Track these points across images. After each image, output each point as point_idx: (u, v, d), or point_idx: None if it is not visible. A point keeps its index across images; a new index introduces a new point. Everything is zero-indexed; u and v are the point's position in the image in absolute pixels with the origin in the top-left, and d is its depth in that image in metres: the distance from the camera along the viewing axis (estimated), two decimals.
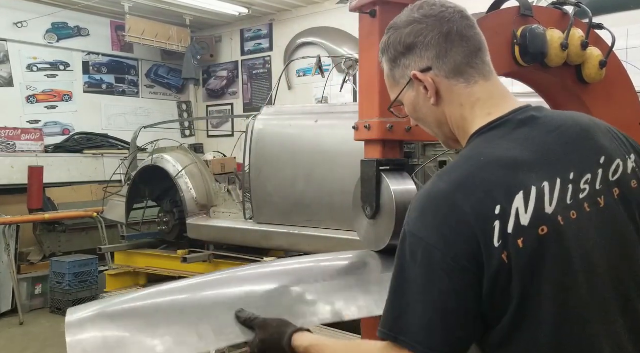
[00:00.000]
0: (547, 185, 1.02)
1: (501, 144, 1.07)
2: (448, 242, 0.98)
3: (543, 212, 1.00)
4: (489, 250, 0.98)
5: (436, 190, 1.04)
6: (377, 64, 1.77)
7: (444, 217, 1.00)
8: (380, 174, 1.77)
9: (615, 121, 1.96)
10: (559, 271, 1.00)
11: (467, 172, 1.04)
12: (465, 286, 0.98)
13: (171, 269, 5.20)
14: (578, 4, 1.96)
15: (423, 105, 1.19)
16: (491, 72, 1.17)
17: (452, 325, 0.99)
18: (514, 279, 0.98)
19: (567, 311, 1.00)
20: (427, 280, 0.99)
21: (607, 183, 1.07)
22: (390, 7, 1.78)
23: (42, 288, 6.26)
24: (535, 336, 1.00)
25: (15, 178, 6.67)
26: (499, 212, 0.99)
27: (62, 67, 7.95)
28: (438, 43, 1.13)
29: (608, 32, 1.96)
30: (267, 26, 8.55)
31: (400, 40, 1.17)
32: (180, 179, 4.98)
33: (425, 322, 0.99)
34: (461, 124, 1.16)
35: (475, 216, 0.98)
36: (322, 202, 3.96)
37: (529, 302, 0.99)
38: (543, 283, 0.99)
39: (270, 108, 4.66)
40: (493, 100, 1.14)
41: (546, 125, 1.10)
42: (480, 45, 1.16)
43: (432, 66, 1.14)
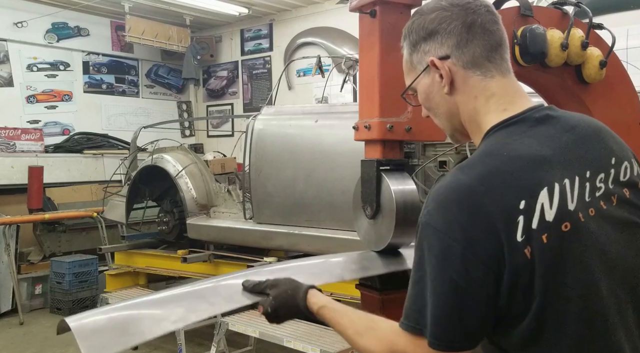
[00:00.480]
0: (567, 182, 1.03)
1: (522, 140, 1.07)
2: (469, 237, 0.98)
3: (566, 208, 1.01)
4: (511, 245, 0.97)
5: (458, 183, 1.03)
6: (377, 64, 1.78)
7: (466, 210, 0.99)
8: (380, 173, 1.77)
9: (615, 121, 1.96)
10: (581, 267, 1.00)
11: (490, 166, 1.03)
12: (483, 282, 0.98)
13: (171, 269, 5.21)
14: (578, 4, 1.97)
15: (436, 94, 1.18)
16: (509, 70, 1.17)
17: (467, 319, 0.99)
18: (536, 276, 0.98)
19: (589, 308, 1.00)
20: (445, 274, 0.99)
21: (619, 183, 1.09)
22: (390, 7, 1.78)
23: (42, 288, 6.26)
24: (560, 333, 1.00)
25: (15, 179, 6.66)
26: (524, 207, 0.98)
27: (62, 67, 7.95)
28: (460, 32, 1.13)
29: (608, 32, 1.96)
30: (267, 26, 8.55)
31: (423, 25, 1.16)
32: (180, 179, 4.98)
33: (442, 314, 0.99)
34: (473, 116, 1.15)
35: (498, 211, 0.98)
36: (322, 202, 3.96)
37: (552, 299, 0.99)
38: (567, 280, 0.99)
39: (270, 108, 4.66)
40: (508, 97, 1.14)
41: (562, 124, 1.11)
42: (501, 41, 1.16)
43: (450, 54, 1.14)
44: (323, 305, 1.26)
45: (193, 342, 4.58)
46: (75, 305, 5.86)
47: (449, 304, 0.99)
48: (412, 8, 1.82)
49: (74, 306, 5.84)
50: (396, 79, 1.77)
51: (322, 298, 1.28)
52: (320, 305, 1.26)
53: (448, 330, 0.99)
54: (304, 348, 3.37)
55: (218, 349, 3.90)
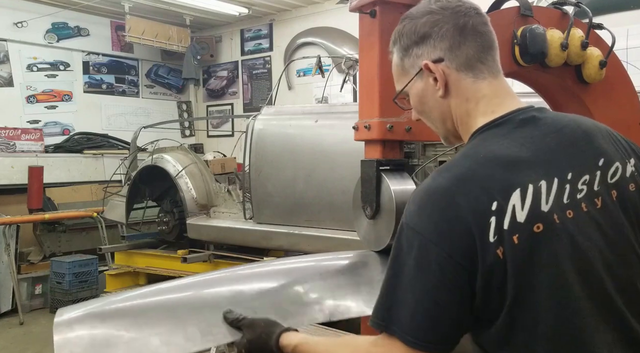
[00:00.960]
0: (544, 183, 1.04)
1: (501, 142, 1.08)
2: (444, 237, 1.00)
3: (539, 209, 1.02)
4: (484, 245, 0.99)
5: (435, 185, 1.05)
6: (377, 64, 1.78)
7: (441, 211, 1.02)
8: (380, 173, 1.77)
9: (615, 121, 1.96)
10: (553, 268, 1.01)
11: (465, 168, 1.05)
12: (457, 281, 1.00)
13: (171, 269, 5.20)
14: (578, 4, 1.97)
15: (430, 98, 1.19)
16: (499, 71, 1.18)
17: (442, 319, 1.00)
18: (509, 275, 0.99)
19: (562, 308, 1.01)
20: (421, 273, 1.01)
21: (606, 185, 1.09)
22: (390, 7, 1.78)
23: (42, 288, 6.26)
24: (533, 333, 1.01)
25: (15, 179, 6.66)
26: (496, 208, 1.00)
27: (62, 67, 7.95)
28: (452, 35, 1.14)
29: (608, 32, 1.96)
30: (267, 26, 8.55)
31: (415, 29, 1.17)
32: (180, 179, 4.98)
33: (417, 314, 1.00)
34: (465, 119, 1.16)
35: (472, 212, 1.00)
36: (322, 202, 3.96)
37: (524, 298, 1.00)
38: (537, 280, 1.00)
39: (270, 108, 4.65)
40: (498, 99, 1.15)
41: (547, 125, 1.12)
42: (492, 43, 1.17)
43: (444, 57, 1.14)
44: (295, 344, 1.24)
45: None
46: None
47: (425, 303, 1.00)
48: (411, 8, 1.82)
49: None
50: None
51: (294, 338, 1.26)
52: (293, 345, 1.25)
53: (425, 329, 1.00)
54: None
55: (218, 349, 3.90)
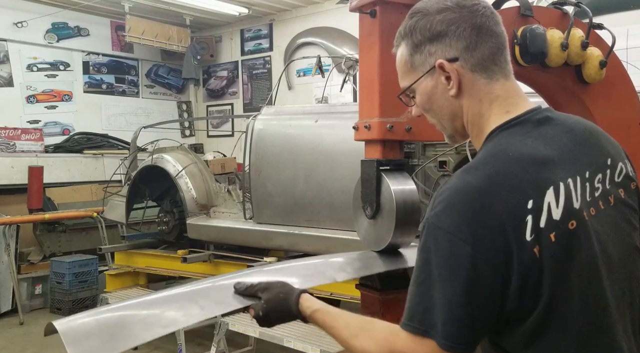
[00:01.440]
0: (571, 181, 1.05)
1: (525, 141, 1.08)
2: (478, 237, 0.98)
3: (572, 207, 1.02)
4: (520, 245, 0.98)
5: (464, 184, 1.03)
6: (377, 64, 1.78)
7: (473, 210, 1.00)
8: (380, 173, 1.77)
9: (615, 121, 1.97)
10: (587, 265, 1.02)
11: (496, 167, 1.04)
12: (492, 281, 0.98)
13: (171, 269, 5.20)
14: (578, 4, 1.97)
15: (440, 96, 1.17)
16: (511, 72, 1.17)
17: (475, 320, 0.99)
18: (545, 274, 0.99)
19: (593, 305, 1.02)
20: (454, 275, 0.99)
21: (614, 184, 1.11)
22: (390, 7, 1.78)
23: (42, 288, 6.26)
24: (563, 331, 1.01)
25: (15, 179, 6.66)
26: (532, 206, 0.99)
27: (62, 67, 7.95)
28: (469, 35, 1.12)
29: (608, 32, 1.96)
30: (267, 26, 8.55)
31: (430, 26, 1.14)
32: (180, 179, 4.97)
33: (451, 315, 0.99)
34: (477, 119, 1.15)
35: (507, 211, 0.99)
36: (322, 202, 3.96)
37: (559, 295, 1.00)
38: (573, 276, 1.01)
39: (270, 108, 4.65)
40: (511, 99, 1.15)
41: (561, 125, 1.13)
42: (505, 44, 1.16)
43: (459, 57, 1.13)
44: (316, 308, 1.24)
45: (193, 342, 4.58)
46: (75, 305, 5.86)
47: (460, 305, 0.98)
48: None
49: (74, 306, 5.84)
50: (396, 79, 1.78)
51: (315, 302, 1.26)
52: (314, 309, 1.25)
53: (458, 331, 0.99)
54: (304, 348, 3.37)
55: (218, 349, 3.90)
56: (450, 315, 0.99)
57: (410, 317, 1.04)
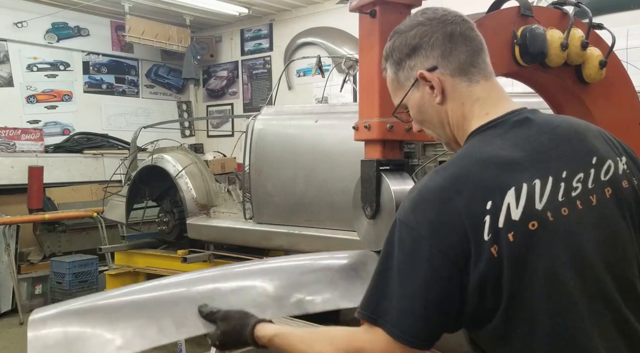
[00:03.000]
0: (538, 182, 1.06)
1: (496, 143, 1.11)
2: (437, 234, 1.02)
3: (533, 207, 1.04)
4: (478, 244, 1.01)
5: (431, 184, 1.08)
6: (377, 64, 1.78)
7: (436, 209, 1.04)
8: (380, 173, 1.77)
9: (615, 121, 1.97)
10: (549, 265, 1.02)
11: (461, 168, 1.08)
12: (448, 279, 1.01)
13: (171, 269, 5.19)
14: (578, 4, 1.97)
15: (428, 106, 1.21)
16: (491, 73, 1.21)
17: (430, 316, 1.02)
18: (504, 273, 1.01)
19: (559, 306, 1.02)
20: (412, 269, 1.02)
21: (599, 183, 1.11)
22: (390, 7, 1.78)
23: (42, 288, 6.25)
24: (531, 330, 1.02)
25: (15, 179, 6.66)
26: (490, 207, 1.02)
27: (62, 67, 7.95)
28: (442, 42, 1.17)
29: (608, 32, 1.96)
30: (267, 26, 8.55)
31: (405, 42, 1.20)
32: (180, 179, 4.97)
33: (406, 309, 1.02)
34: (460, 122, 1.19)
35: (466, 211, 1.02)
36: (322, 202, 3.96)
37: (520, 295, 1.01)
38: (533, 276, 1.02)
39: (270, 108, 4.65)
40: (491, 100, 1.18)
41: (540, 126, 1.14)
42: (481, 46, 1.20)
43: (437, 65, 1.17)
44: (271, 336, 1.24)
45: (193, 342, 4.57)
46: None
47: (415, 299, 1.02)
48: (412, 8, 1.82)
49: None
50: None
51: (269, 329, 1.26)
52: (269, 337, 1.25)
53: (411, 324, 1.02)
54: None
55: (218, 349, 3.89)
56: (404, 306, 1.02)
57: (363, 305, 1.08)
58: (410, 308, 1.02)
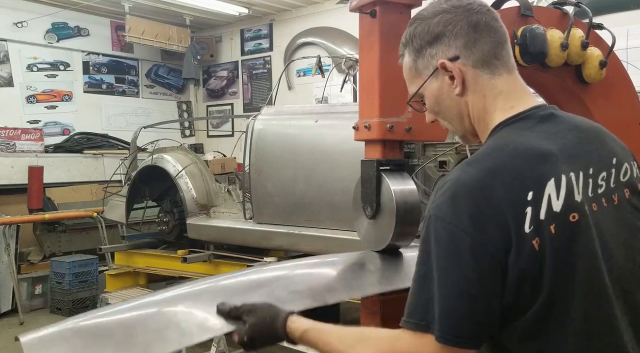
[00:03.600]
0: (573, 175, 1.04)
1: (528, 135, 1.08)
2: (478, 228, 0.98)
3: (573, 199, 1.02)
4: (519, 236, 0.97)
5: (466, 176, 1.03)
6: (377, 64, 1.78)
7: (475, 202, 0.99)
8: (380, 173, 1.77)
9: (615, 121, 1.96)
10: (588, 259, 1.01)
11: (497, 159, 1.04)
12: (492, 273, 0.97)
13: (171, 269, 5.20)
14: (578, 4, 1.97)
15: (447, 97, 1.18)
16: (514, 66, 1.18)
17: (478, 313, 0.98)
18: (545, 267, 0.98)
19: (596, 302, 1.01)
20: (453, 265, 0.98)
21: (619, 183, 1.11)
22: (390, 7, 1.78)
23: (42, 288, 6.25)
24: (564, 326, 1.00)
25: (15, 179, 6.66)
26: (532, 198, 0.99)
27: (62, 67, 7.95)
28: (467, 32, 1.13)
29: (608, 32, 1.96)
30: (267, 26, 8.55)
31: (427, 29, 1.16)
32: (180, 179, 4.97)
33: (450, 308, 0.97)
34: (482, 115, 1.16)
35: (507, 202, 0.98)
36: (322, 202, 3.96)
37: (560, 290, 0.99)
38: (575, 271, 0.99)
39: (270, 108, 4.65)
40: (516, 94, 1.15)
41: (565, 123, 1.13)
42: (505, 38, 1.17)
43: (459, 55, 1.14)
44: (306, 328, 1.18)
45: None
46: (75, 305, 5.85)
47: (458, 296, 0.97)
48: (412, 8, 1.82)
49: (74, 306, 5.84)
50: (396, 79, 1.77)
51: (304, 322, 1.20)
52: (303, 330, 1.18)
53: (456, 324, 0.97)
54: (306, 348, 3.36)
55: (218, 349, 3.89)
56: (447, 306, 0.98)
57: (410, 313, 1.03)
58: (454, 307, 0.97)
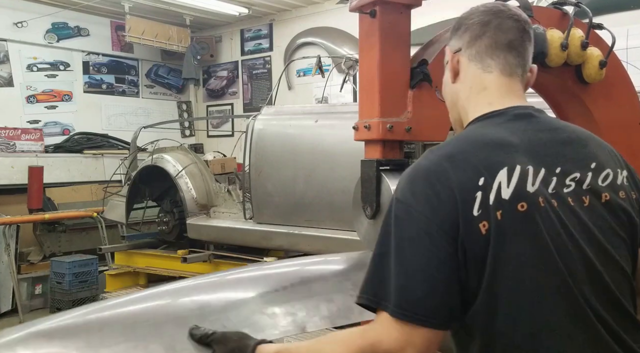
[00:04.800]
0: (531, 168, 1.07)
1: (495, 129, 1.13)
2: (433, 209, 1.02)
3: (524, 189, 1.04)
4: (467, 219, 1.01)
5: (425, 162, 1.09)
6: (377, 64, 1.78)
7: (431, 185, 1.04)
8: (380, 173, 1.77)
9: (615, 121, 1.97)
10: (535, 247, 1.02)
11: (456, 147, 1.10)
12: (448, 253, 1.01)
13: (171, 269, 5.20)
14: (578, 4, 1.96)
15: (446, 83, 1.29)
16: (512, 73, 1.20)
17: (435, 291, 1.00)
18: (489, 251, 1.00)
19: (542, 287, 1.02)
20: (412, 246, 1.02)
21: (596, 187, 1.12)
22: (390, 7, 1.78)
23: (42, 288, 6.25)
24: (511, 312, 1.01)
25: (15, 178, 6.65)
26: (482, 184, 1.03)
27: (62, 67, 7.95)
28: (475, 28, 1.21)
29: (608, 32, 1.96)
30: (267, 26, 8.55)
31: (455, 23, 1.27)
32: (180, 179, 4.97)
33: (408, 284, 1.00)
34: (465, 105, 1.23)
35: (459, 186, 1.03)
36: (322, 202, 3.96)
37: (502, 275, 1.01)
38: (520, 258, 1.01)
39: (270, 108, 4.65)
40: (499, 93, 1.19)
41: (542, 124, 1.16)
42: (512, 45, 1.20)
43: (462, 47, 1.23)
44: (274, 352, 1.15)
45: None
46: (75, 305, 5.85)
47: (414, 274, 1.00)
48: (412, 8, 1.82)
49: (74, 306, 5.82)
50: (396, 79, 1.78)
51: (271, 348, 1.17)
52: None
53: (412, 300, 0.99)
54: None
55: None
56: (403, 283, 1.00)
57: (363, 289, 1.06)
58: (410, 284, 1.00)
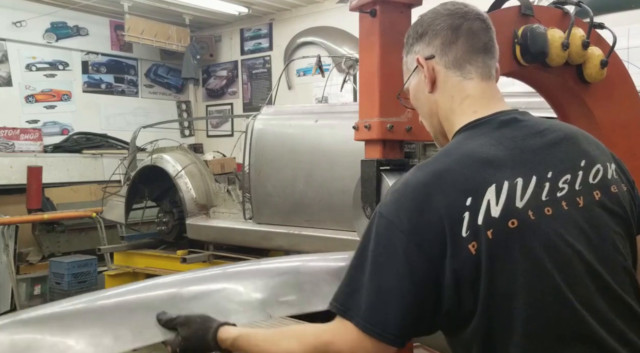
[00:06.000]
0: (520, 181, 1.05)
1: (480, 141, 1.10)
2: (416, 229, 1.01)
3: (514, 205, 1.03)
4: (455, 241, 1.00)
5: (413, 179, 1.07)
6: (377, 64, 1.78)
7: (416, 204, 1.03)
8: (381, 173, 1.76)
9: (616, 120, 1.96)
10: (529, 264, 1.01)
11: (444, 164, 1.07)
12: (423, 274, 1.00)
13: (171, 269, 5.19)
14: (579, 3, 1.96)
15: (421, 93, 1.23)
16: (490, 76, 1.20)
17: (404, 310, 1.00)
18: (482, 271, 0.99)
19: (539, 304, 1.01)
20: (387, 261, 1.02)
21: (588, 186, 1.10)
22: (390, 7, 1.77)
23: (41, 288, 6.24)
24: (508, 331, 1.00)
25: (14, 179, 6.65)
26: (470, 204, 1.01)
27: (61, 67, 7.94)
28: (446, 33, 1.18)
29: (609, 32, 1.95)
30: (267, 26, 8.54)
31: (417, 28, 1.23)
32: (180, 179, 4.97)
33: (378, 302, 1.01)
34: (449, 116, 1.20)
35: (446, 206, 1.01)
36: (322, 202, 3.95)
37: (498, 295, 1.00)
38: (510, 277, 1.00)
39: (270, 108, 4.65)
40: (483, 100, 1.17)
41: (528, 127, 1.14)
42: (486, 47, 1.19)
43: (435, 54, 1.19)
44: (234, 337, 1.19)
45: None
46: None
47: (388, 292, 1.01)
48: (412, 7, 1.82)
49: None
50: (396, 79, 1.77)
51: (232, 331, 1.21)
52: (232, 339, 1.19)
53: (382, 318, 1.00)
54: None
55: None
56: (376, 299, 1.01)
57: (336, 297, 1.08)
58: (382, 302, 1.01)
